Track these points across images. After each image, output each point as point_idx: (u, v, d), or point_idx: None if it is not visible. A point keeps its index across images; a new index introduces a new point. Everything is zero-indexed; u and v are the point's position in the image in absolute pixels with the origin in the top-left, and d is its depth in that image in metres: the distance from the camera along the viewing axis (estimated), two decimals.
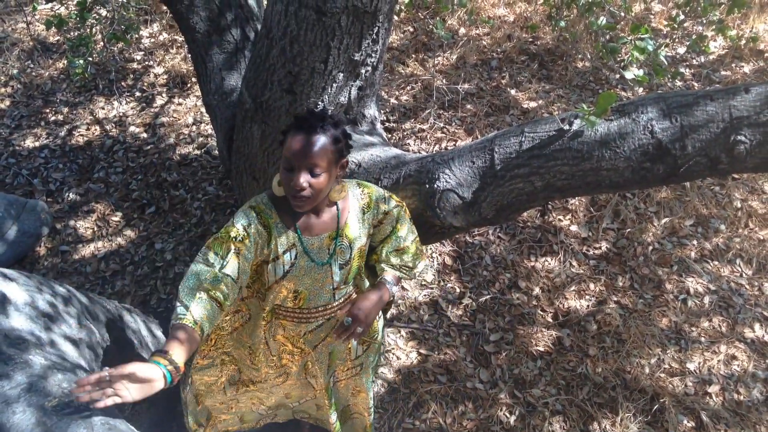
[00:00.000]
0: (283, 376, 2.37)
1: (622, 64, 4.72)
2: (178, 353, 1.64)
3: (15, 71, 5.11)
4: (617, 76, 4.79)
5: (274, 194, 1.95)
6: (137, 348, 2.77)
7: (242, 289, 1.93)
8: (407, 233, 2.16)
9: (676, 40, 5.12)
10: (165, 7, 5.26)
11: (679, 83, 4.72)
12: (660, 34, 5.19)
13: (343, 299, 2.16)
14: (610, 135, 1.87)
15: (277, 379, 2.38)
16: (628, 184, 1.93)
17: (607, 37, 3.56)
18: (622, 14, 4.92)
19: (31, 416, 1.68)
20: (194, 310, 1.72)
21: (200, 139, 4.62)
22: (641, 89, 4.64)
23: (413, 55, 5.10)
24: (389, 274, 2.13)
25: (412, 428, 3.12)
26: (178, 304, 1.75)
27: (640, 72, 2.18)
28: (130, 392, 1.56)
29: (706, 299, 3.57)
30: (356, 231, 2.04)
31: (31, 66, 5.19)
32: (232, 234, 1.85)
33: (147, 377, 1.57)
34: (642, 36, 2.42)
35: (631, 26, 2.48)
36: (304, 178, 1.79)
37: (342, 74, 2.59)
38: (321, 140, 1.78)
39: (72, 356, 2.04)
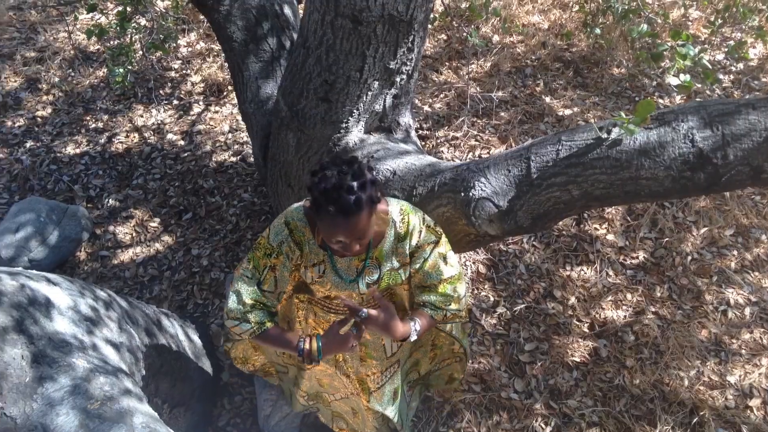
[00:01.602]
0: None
1: (661, 70, 4.67)
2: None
3: (57, 80, 5.23)
4: (654, 83, 4.74)
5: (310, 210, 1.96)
6: (175, 352, 2.81)
7: (282, 294, 2.05)
8: (438, 270, 2.05)
9: (715, 46, 5.04)
10: (203, 17, 5.35)
11: (718, 91, 4.65)
12: (698, 40, 5.11)
13: (372, 301, 2.17)
14: (650, 144, 1.85)
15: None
16: (668, 194, 1.91)
17: (647, 43, 3.53)
18: (659, 21, 4.86)
19: (74, 418, 1.71)
20: (253, 319, 1.98)
21: (236, 146, 4.67)
22: (679, 97, 4.58)
23: (447, 63, 5.11)
24: (421, 317, 2.07)
25: None
26: (233, 323, 1.99)
27: (687, 77, 2.15)
28: None
29: (747, 311, 3.50)
30: (388, 255, 2.01)
31: (72, 74, 5.31)
32: (267, 251, 1.95)
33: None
34: (683, 42, 2.39)
35: (671, 33, 2.46)
36: (356, 246, 1.81)
37: (377, 82, 2.61)
38: (362, 216, 1.71)
39: (113, 360, 2.08)
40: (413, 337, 2.01)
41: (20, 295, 1.97)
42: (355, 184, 1.68)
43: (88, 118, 4.96)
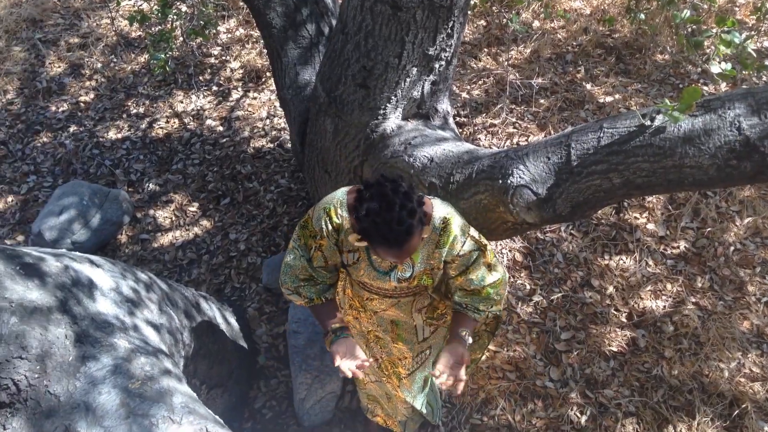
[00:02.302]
0: (350, 331, 2.44)
1: (706, 57, 4.56)
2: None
3: (99, 65, 5.32)
4: (699, 70, 4.63)
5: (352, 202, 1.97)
6: (213, 335, 2.86)
7: (338, 266, 2.13)
8: (481, 277, 2.05)
9: (763, 32, 4.90)
10: (242, 3, 5.38)
11: (765, 78, 4.52)
12: (745, 27, 4.97)
13: (408, 288, 2.17)
14: (695, 131, 1.81)
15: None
16: (713, 183, 1.86)
17: (690, 30, 3.45)
18: (704, 6, 4.74)
19: (116, 397, 1.75)
20: (303, 293, 2.10)
21: (273, 132, 4.70)
22: (725, 84, 4.47)
23: (486, 49, 5.06)
24: (466, 323, 2.11)
25: (480, 424, 3.11)
26: (287, 292, 2.14)
27: (727, 66, 2.09)
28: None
29: None
30: (424, 257, 2.02)
31: (115, 60, 5.39)
32: (313, 234, 2.00)
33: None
34: (728, 29, 2.33)
35: (716, 18, 2.39)
36: (407, 259, 1.89)
37: (416, 69, 2.59)
38: (413, 242, 1.74)
39: (154, 341, 2.12)
40: (469, 340, 2.09)
41: (64, 276, 2.02)
42: (404, 213, 1.69)
43: (129, 103, 5.04)
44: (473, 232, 2.02)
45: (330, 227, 1.96)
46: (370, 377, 2.65)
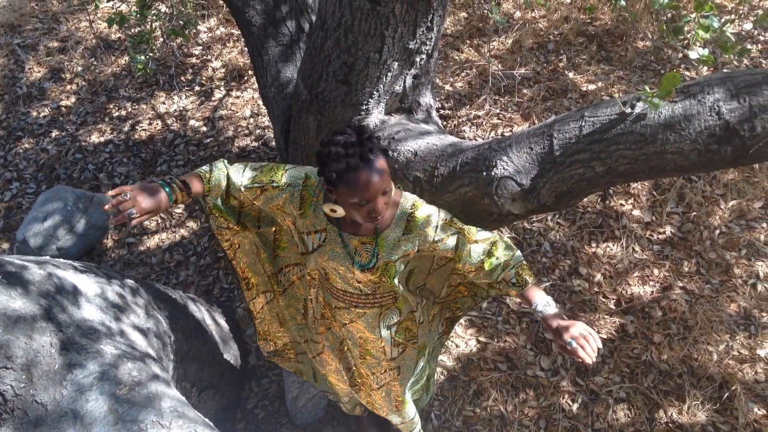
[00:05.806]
0: (322, 344, 2.44)
1: (687, 42, 4.57)
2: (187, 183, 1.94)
3: (79, 69, 5.27)
4: (680, 55, 4.64)
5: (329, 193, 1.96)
6: (202, 336, 2.84)
7: (243, 208, 2.17)
8: (477, 252, 2.01)
9: (742, 15, 4.92)
10: (221, 2, 5.35)
11: (746, 62, 4.54)
12: (724, 10, 4.99)
13: (372, 296, 2.14)
14: (675, 117, 1.81)
15: (317, 345, 2.48)
16: (694, 168, 1.87)
17: (669, 15, 3.45)
18: None
19: (103, 404, 1.74)
20: (209, 201, 2.05)
21: (257, 131, 4.68)
22: (705, 69, 4.49)
23: (467, 41, 5.05)
24: (530, 291, 2.02)
25: (473, 416, 3.12)
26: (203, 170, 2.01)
27: (705, 51, 2.10)
28: (143, 203, 1.76)
29: None
30: (389, 246, 1.99)
31: (95, 63, 5.35)
32: (274, 180, 1.98)
33: (153, 188, 1.82)
34: (706, 13, 2.33)
35: (694, 3, 2.39)
36: (382, 201, 1.78)
37: (397, 63, 2.58)
38: (381, 163, 1.73)
39: (141, 345, 2.10)
40: (551, 307, 2.05)
41: (48, 283, 2.00)
42: (361, 136, 1.74)
43: (111, 106, 5.00)
44: (444, 215, 1.99)
45: (297, 196, 1.97)
46: (344, 392, 2.65)
